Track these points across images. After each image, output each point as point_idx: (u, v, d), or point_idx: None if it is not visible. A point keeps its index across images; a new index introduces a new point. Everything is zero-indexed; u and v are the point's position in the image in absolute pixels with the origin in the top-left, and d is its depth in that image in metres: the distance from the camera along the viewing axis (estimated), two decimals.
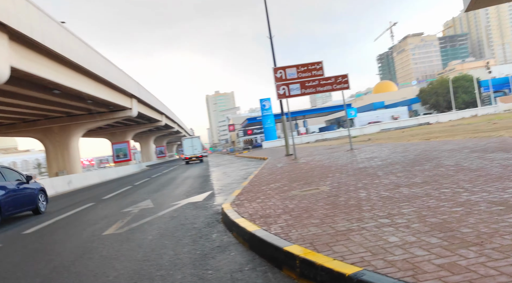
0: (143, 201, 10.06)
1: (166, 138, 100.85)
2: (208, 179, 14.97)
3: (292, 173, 9.58)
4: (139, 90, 45.04)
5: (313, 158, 14.41)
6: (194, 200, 8.97)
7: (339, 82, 15.23)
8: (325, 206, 4.55)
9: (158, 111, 58.35)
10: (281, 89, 15.15)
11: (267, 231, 3.79)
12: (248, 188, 8.01)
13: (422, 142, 13.91)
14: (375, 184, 5.66)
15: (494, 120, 29.13)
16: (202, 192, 10.38)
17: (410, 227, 3.10)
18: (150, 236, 5.50)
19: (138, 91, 44.53)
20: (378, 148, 14.46)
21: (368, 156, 11.08)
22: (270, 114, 59.17)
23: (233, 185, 11.14)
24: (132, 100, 43.64)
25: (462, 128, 23.07)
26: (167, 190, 12.37)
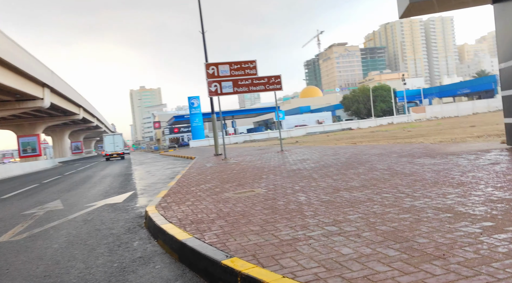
0: (51, 202, 8.84)
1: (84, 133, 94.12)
2: (130, 177, 13.88)
3: (223, 174, 9.11)
4: (53, 79, 41.16)
5: (244, 159, 14.09)
6: (113, 201, 8.06)
7: (272, 83, 15.12)
8: (264, 211, 4.15)
9: (75, 103, 54.00)
10: (213, 86, 14.61)
11: (200, 239, 3.28)
12: (176, 188, 7.37)
13: (350, 145, 14.34)
14: (312, 186, 5.41)
15: (408, 128, 31.56)
16: (122, 192, 9.44)
17: (361, 236, 2.81)
18: (55, 244, 4.64)
19: (52, 80, 40.67)
20: (308, 150, 14.61)
21: (299, 158, 11.03)
22: (199, 113, 58.08)
23: (158, 185, 10.34)
24: (45, 89, 39.72)
25: (381, 135, 24.54)
26: (82, 189, 11.14)
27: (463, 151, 7.73)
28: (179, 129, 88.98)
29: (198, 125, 58.16)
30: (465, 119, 37.95)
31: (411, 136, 18.09)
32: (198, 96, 58.41)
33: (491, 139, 9.84)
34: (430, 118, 63.41)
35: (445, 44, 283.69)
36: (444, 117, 63.36)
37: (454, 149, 8.43)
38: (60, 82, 44.92)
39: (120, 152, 39.18)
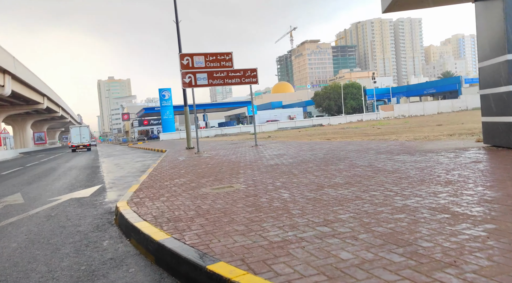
0: (10, 195, 8.21)
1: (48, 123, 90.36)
2: (97, 170, 13.25)
3: (198, 168, 8.76)
4: (15, 66, 39.02)
5: (217, 153, 13.75)
6: (79, 195, 7.55)
7: (248, 76, 14.82)
8: (247, 208, 3.88)
9: (39, 92, 51.56)
10: (187, 78, 14.14)
11: (180, 240, 2.97)
12: (148, 182, 6.97)
13: (324, 141, 14.29)
14: (294, 183, 5.20)
15: (377, 126, 32.15)
16: (89, 186, 8.91)
17: (358, 238, 2.60)
18: (14, 243, 4.19)
19: (13, 66, 38.54)
20: (283, 145, 14.45)
21: (275, 153, 10.82)
22: (170, 106, 56.95)
23: (128, 178, 9.86)
24: (5, 76, 37.61)
25: (352, 131, 24.80)
26: (45, 182, 10.47)
27: (440, 149, 7.75)
28: (148, 121, 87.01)
29: (169, 118, 57.06)
30: (430, 118, 39.12)
31: (381, 133, 18.33)
32: (169, 89, 57.27)
33: (464, 138, 10.00)
34: (398, 116, 65.14)
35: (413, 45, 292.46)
36: (411, 115, 65.24)
37: (430, 146, 8.46)
38: (23, 70, 42.65)
39: (86, 144, 39.60)
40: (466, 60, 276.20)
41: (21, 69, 41.37)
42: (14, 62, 38.84)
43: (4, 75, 37.20)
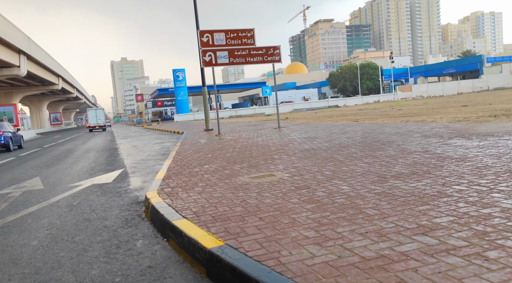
0: (29, 179, 7.76)
1: (63, 104, 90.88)
2: (116, 152, 12.79)
3: (225, 152, 8.16)
4: (29, 46, 38.68)
5: (239, 135, 13.13)
6: (100, 180, 7.04)
7: (270, 54, 14.03)
8: (305, 205, 3.26)
9: (54, 72, 51.41)
10: (207, 56, 13.42)
11: (237, 249, 2.37)
12: (176, 168, 6.40)
13: (353, 123, 13.52)
14: (347, 172, 4.55)
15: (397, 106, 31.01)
16: (110, 170, 8.41)
17: (489, 258, 1.95)
18: (35, 240, 3.67)
19: (28, 46, 38.20)
20: (308, 127, 13.75)
21: (304, 135, 10.14)
22: (184, 86, 56.37)
23: (150, 162, 9.33)
24: (21, 56, 37.32)
25: (372, 113, 23.87)
26: (64, 165, 10.03)
27: (498, 131, 6.98)
28: (162, 102, 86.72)
29: (183, 99, 56.56)
30: (451, 99, 37.68)
31: (404, 115, 17.44)
32: (183, 69, 56.56)
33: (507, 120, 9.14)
34: (416, 97, 63.37)
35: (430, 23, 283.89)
36: (430, 96, 63.39)
37: (484, 129, 7.68)
38: (38, 50, 42.35)
39: (102, 124, 43.51)
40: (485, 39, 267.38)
41: (36, 49, 41.07)
42: (29, 42, 38.51)
43: (19, 55, 36.94)
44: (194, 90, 62.89)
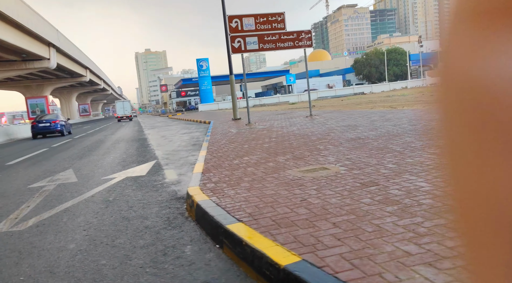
0: (62, 172, 7.55)
1: (91, 96, 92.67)
2: (146, 143, 12.56)
3: (262, 142, 7.71)
4: (58, 39, 39.21)
5: (271, 124, 12.65)
6: (134, 173, 6.74)
7: (302, 39, 13.39)
8: (384, 207, 2.76)
9: (81, 65, 52.19)
10: (236, 42, 12.92)
11: (322, 269, 1.90)
12: (213, 160, 6.00)
13: (390, 110, 12.78)
14: (415, 165, 4.00)
15: (429, 93, 29.55)
16: (142, 161, 8.12)
17: None
18: (72, 243, 3.34)
19: (57, 39, 38.73)
20: (342, 114, 13.12)
21: (342, 124, 9.56)
22: (208, 76, 56.15)
23: (182, 153, 9.00)
24: (50, 49, 37.89)
25: (403, 99, 22.87)
26: (95, 156, 9.84)
27: None
28: (186, 92, 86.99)
29: (207, 88, 56.39)
30: None
31: None
32: (207, 59, 56.27)
33: None
34: None
35: None
36: None
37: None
38: (66, 42, 42.96)
39: (128, 115, 47.96)
40: None
41: (64, 42, 41.66)
42: (57, 35, 39.04)
43: (49, 48, 37.52)
44: (217, 80, 62.66)
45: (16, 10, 26.38)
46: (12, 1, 25.80)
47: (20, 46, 30.01)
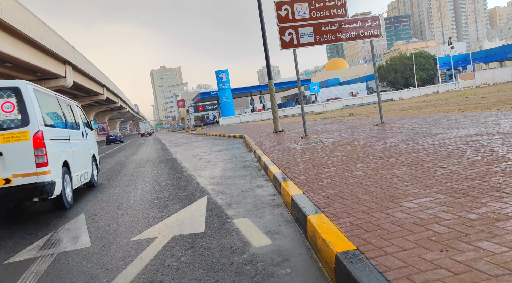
0: (68, 222, 4.94)
1: (109, 114, 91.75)
2: (178, 166, 9.97)
3: (379, 164, 4.96)
4: (74, 56, 37.60)
5: (336, 136, 9.90)
6: (183, 226, 4.08)
7: (368, 27, 10.71)
8: None
9: (98, 82, 50.72)
10: (287, 35, 10.32)
11: None
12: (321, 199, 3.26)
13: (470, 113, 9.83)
14: None
15: (467, 95, 26.39)
16: (187, 198, 5.47)
17: None
18: None
19: (73, 56, 37.12)
20: (420, 121, 10.25)
21: (457, 134, 6.73)
22: (228, 88, 53.97)
23: (237, 181, 6.31)
24: (66, 67, 36.23)
25: (444, 103, 19.95)
26: (117, 189, 7.24)
27: None
28: (204, 107, 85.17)
29: (228, 101, 54.14)
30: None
31: (494, 104, 13.52)
32: (226, 70, 54.17)
33: None
34: (480, 85, 57.19)
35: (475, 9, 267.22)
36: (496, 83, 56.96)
37: None
38: (82, 60, 41.42)
39: (149, 131, 66.26)
40: None
41: (80, 59, 40.11)
42: (73, 52, 37.48)
43: (65, 66, 35.91)
44: (236, 92, 60.39)
45: (29, 26, 24.65)
46: (25, 16, 24.06)
47: (35, 64, 28.28)
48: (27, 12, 24.65)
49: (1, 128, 4.99)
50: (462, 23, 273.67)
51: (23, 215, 5.81)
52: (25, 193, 5.01)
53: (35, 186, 5.01)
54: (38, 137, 5.10)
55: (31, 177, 5.01)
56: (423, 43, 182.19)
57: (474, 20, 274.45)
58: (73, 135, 6.86)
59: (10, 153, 4.97)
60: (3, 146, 4.96)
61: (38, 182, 5.03)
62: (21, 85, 5.19)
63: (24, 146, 5.02)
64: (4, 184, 4.91)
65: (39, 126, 5.17)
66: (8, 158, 4.95)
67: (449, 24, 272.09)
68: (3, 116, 4.99)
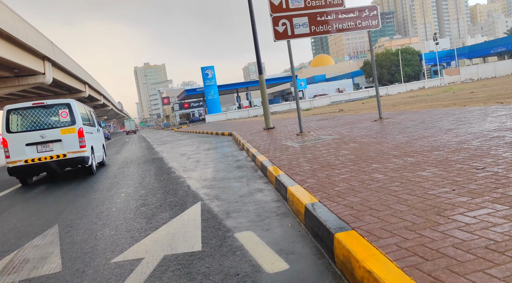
0: (39, 235, 4.21)
1: None
2: (165, 166, 9.24)
3: (397, 164, 4.37)
4: (54, 52, 36.15)
5: (335, 132, 9.31)
6: (175, 242, 3.41)
7: (365, 18, 10.13)
8: None
9: (80, 80, 49.13)
10: (281, 25, 9.67)
11: None
12: (342, 208, 2.63)
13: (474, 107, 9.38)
14: None
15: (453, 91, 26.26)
16: (177, 206, 4.78)
17: None
18: None
19: (53, 52, 35.68)
20: (421, 116, 9.75)
21: (471, 130, 6.21)
22: (214, 85, 52.99)
23: (233, 184, 5.64)
24: (45, 63, 34.80)
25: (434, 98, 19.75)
26: (97, 194, 6.48)
27: None
28: (189, 104, 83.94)
29: (214, 98, 53.19)
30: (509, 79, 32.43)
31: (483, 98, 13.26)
32: (212, 67, 53.19)
33: None
34: (465, 80, 57.65)
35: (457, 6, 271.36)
36: (480, 78, 57.50)
37: None
38: (63, 56, 39.89)
39: (133, 129, 68.82)
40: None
41: (60, 55, 38.62)
42: (53, 48, 36.02)
43: (44, 62, 34.45)
44: (222, 89, 59.45)
45: (3, 19, 23.34)
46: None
47: (11, 59, 26.90)
48: (1, 4, 23.35)
49: (62, 126, 8.64)
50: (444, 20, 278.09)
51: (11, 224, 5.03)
52: (74, 162, 8.67)
53: (79, 158, 8.68)
54: (80, 131, 8.76)
55: (77, 153, 8.65)
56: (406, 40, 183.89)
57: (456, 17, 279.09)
58: (94, 130, 10.47)
59: (66, 140, 8.58)
60: (62, 136, 8.57)
61: (81, 156, 8.69)
62: (71, 102, 9.00)
63: (73, 136, 8.63)
64: (63, 157, 8.53)
65: (80, 125, 8.82)
66: (65, 142, 8.57)
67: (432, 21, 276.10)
68: (62, 119, 8.67)
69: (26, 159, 8.34)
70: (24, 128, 8.51)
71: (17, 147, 8.34)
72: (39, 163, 8.39)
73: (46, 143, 8.43)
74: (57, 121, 8.66)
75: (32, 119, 8.55)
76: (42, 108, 8.63)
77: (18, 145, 8.35)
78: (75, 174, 10.02)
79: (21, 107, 8.63)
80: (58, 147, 8.54)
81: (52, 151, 8.48)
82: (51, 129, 8.52)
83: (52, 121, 8.61)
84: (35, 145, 8.44)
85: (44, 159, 8.41)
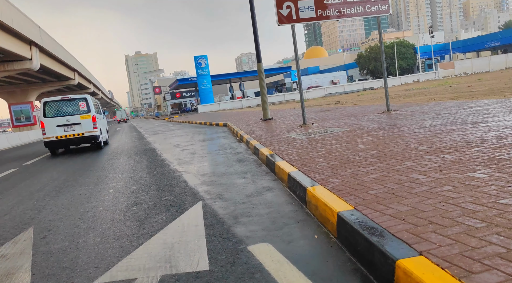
0: (11, 241, 3.51)
1: None
2: (158, 158, 8.54)
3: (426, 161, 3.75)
4: (41, 37, 34.82)
5: (341, 124, 8.68)
6: (178, 260, 2.75)
7: (375, 2, 9.46)
8: None
9: (69, 67, 47.73)
10: (285, 8, 8.96)
11: None
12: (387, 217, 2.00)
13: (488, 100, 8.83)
14: None
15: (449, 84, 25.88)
16: (174, 205, 4.12)
17: None
18: None
19: (40, 37, 34.36)
20: (432, 108, 9.16)
21: (474, 120, 5.62)
22: (207, 74, 51.95)
23: (235, 180, 4.99)
24: (32, 48, 33.49)
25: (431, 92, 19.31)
26: (83, 189, 5.77)
27: None
28: (181, 94, 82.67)
29: (207, 88, 52.18)
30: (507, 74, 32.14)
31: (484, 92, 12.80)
32: (205, 56, 52.12)
33: None
34: (459, 74, 57.44)
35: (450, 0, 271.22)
36: (474, 72, 57.31)
37: None
38: (51, 41, 38.50)
39: (125, 118, 72.36)
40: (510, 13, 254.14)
41: (48, 41, 37.26)
42: (40, 33, 34.67)
43: (31, 47, 33.13)
44: (214, 79, 58.45)
45: None
46: None
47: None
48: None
49: (81, 113, 11.96)
50: (437, 14, 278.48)
51: None
52: (89, 139, 12.11)
53: (92, 136, 12.09)
54: (93, 117, 12.07)
55: (91, 132, 12.02)
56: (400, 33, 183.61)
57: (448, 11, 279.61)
58: (101, 117, 13.54)
59: (84, 123, 11.92)
60: (81, 120, 11.87)
61: (94, 135, 12.08)
62: (87, 97, 12.40)
63: (89, 120, 11.95)
64: (82, 135, 11.92)
65: (94, 113, 12.17)
66: (83, 125, 11.94)
67: (425, 14, 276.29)
68: (81, 109, 11.98)
69: (56, 136, 11.81)
70: (55, 114, 11.88)
71: (50, 127, 11.73)
72: (65, 139, 11.89)
73: (70, 125, 11.83)
74: (78, 110, 12.01)
75: (60, 108, 11.97)
76: (67, 101, 12.07)
77: (51, 126, 11.72)
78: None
79: (53, 100, 12.10)
80: (78, 128, 11.97)
81: (74, 131, 11.90)
82: (73, 116, 11.92)
83: (74, 110, 11.97)
84: (62, 126, 11.86)
85: (69, 136, 11.86)
